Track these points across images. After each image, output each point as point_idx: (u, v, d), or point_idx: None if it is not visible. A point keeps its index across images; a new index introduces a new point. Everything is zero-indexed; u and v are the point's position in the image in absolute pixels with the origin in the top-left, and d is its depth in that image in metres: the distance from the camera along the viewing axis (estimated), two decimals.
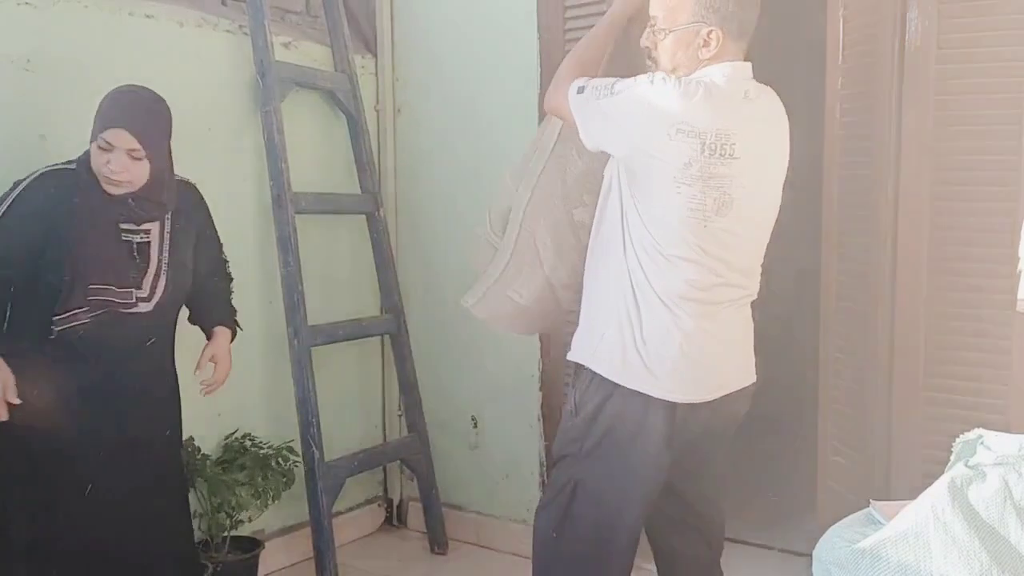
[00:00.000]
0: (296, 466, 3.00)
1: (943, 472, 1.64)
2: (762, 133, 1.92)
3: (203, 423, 2.87)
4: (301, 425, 3.01)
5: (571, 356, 2.05)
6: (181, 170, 2.87)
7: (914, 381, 2.38)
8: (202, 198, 2.47)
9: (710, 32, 1.88)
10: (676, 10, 1.90)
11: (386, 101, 3.53)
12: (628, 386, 1.92)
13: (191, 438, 2.82)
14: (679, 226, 1.85)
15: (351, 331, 3.30)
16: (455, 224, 3.39)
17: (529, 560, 2.12)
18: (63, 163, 2.24)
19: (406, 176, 3.55)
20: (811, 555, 1.68)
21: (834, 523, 1.75)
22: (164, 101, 2.28)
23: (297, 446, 3.02)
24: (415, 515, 3.56)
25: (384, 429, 3.64)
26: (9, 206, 2.15)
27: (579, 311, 2.08)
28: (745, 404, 2.09)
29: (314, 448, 2.98)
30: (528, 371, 3.26)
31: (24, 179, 2.19)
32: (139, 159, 2.20)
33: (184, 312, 2.49)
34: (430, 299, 3.49)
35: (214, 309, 2.53)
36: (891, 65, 2.35)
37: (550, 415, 3.18)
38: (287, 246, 3.00)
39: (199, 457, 2.82)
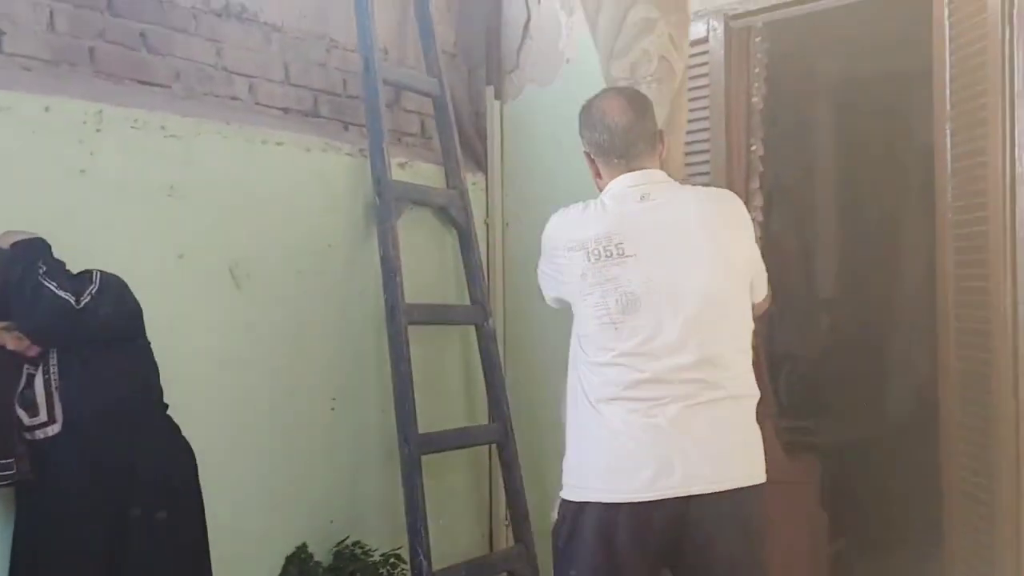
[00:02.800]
0: (404, 574, 3.02)
1: None
2: (660, 225, 2.02)
3: (316, 530, 2.94)
4: (410, 533, 3.03)
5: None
6: (307, 287, 3.04)
7: None
8: None
9: (592, 158, 2.16)
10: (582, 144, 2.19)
11: (495, 215, 3.68)
12: (566, 498, 2.04)
13: (304, 544, 2.89)
14: (595, 333, 2.02)
15: (460, 439, 3.35)
16: (561, 333, 3.41)
17: None
18: None
19: (514, 287, 3.65)
20: None
21: None
22: None
23: (406, 553, 3.05)
24: None
25: (491, 538, 3.63)
26: None
27: None
28: (737, 508, 1.96)
29: (422, 557, 2.99)
30: None
31: None
32: None
33: None
34: (537, 408, 3.51)
35: None
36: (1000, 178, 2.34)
37: None
38: (400, 356, 3.08)
39: (311, 565, 2.88)
